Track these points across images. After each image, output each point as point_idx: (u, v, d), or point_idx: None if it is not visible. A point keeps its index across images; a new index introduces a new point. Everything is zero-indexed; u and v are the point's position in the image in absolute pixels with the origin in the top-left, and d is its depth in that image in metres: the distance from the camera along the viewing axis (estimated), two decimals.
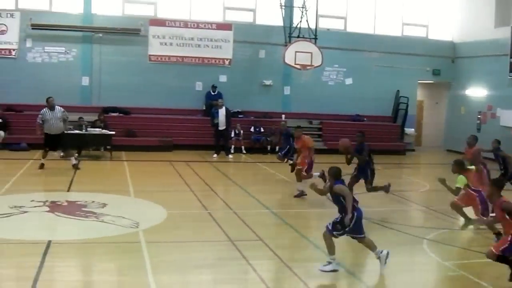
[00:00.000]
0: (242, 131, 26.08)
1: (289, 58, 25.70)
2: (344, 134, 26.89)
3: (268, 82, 28.43)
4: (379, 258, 9.25)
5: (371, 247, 9.33)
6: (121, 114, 26.34)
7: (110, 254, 9.93)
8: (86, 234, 11.03)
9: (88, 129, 22.82)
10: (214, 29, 27.66)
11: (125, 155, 23.05)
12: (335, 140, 26.53)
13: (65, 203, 13.71)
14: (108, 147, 22.95)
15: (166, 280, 8.67)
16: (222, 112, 24.74)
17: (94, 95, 26.96)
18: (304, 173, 15.78)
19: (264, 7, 28.35)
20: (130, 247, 10.30)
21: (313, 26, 26.55)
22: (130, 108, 26.63)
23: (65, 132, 19.69)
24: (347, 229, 9.06)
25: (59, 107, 19.41)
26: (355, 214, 9.01)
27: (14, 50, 26.22)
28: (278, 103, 28.60)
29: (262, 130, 26.69)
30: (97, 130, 23.04)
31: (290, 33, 26.48)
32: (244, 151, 25.75)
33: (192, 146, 25.48)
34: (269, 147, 25.98)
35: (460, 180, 11.64)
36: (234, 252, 10.14)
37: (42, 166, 18.96)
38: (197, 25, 27.51)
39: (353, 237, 9.33)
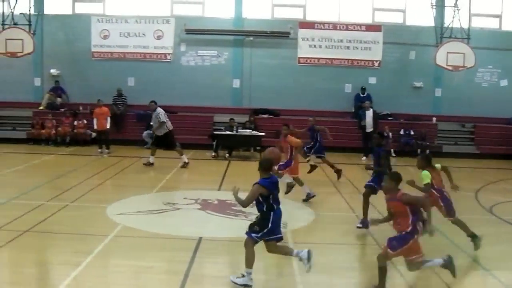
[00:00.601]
0: (391, 134, 25.64)
1: (440, 59, 25.04)
2: (498, 138, 26.18)
3: (418, 84, 27.78)
4: (300, 259, 8.59)
5: (287, 252, 8.78)
6: (270, 116, 26.73)
7: (258, 253, 10.02)
8: (235, 232, 11.23)
9: (238, 130, 23.38)
10: (363, 30, 27.41)
11: None
12: (489, 145, 25.93)
13: (216, 202, 14.09)
14: (258, 148, 23.34)
15: (313, 281, 8.67)
16: (369, 114, 24.49)
17: (245, 97, 27.58)
18: (275, 168, 14.86)
19: (414, 7, 27.71)
20: None
21: (465, 26, 25.65)
22: (279, 109, 26.94)
23: (168, 132, 20.46)
24: (265, 230, 8.42)
25: (159, 110, 20.43)
26: (271, 214, 8.42)
27: (169, 54, 27.41)
28: (428, 105, 27.86)
29: (412, 133, 26.11)
30: (247, 131, 23.55)
31: (441, 34, 25.77)
32: (394, 154, 25.25)
33: (341, 148, 25.34)
34: (419, 150, 25.38)
35: (425, 176, 10.63)
36: None
37: (148, 163, 19.85)
38: (346, 27, 27.40)
39: (268, 240, 8.64)
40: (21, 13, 25.89)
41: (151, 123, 20.98)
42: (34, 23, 26.03)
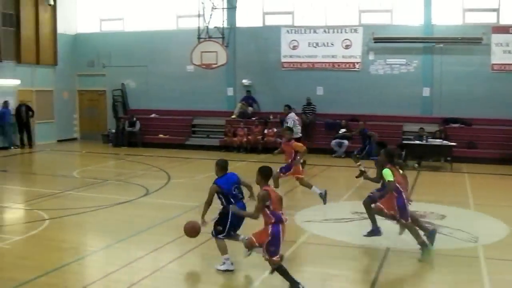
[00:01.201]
0: None
1: None
2: None
3: None
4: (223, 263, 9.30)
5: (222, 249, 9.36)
6: (462, 125, 25.86)
7: (447, 267, 9.80)
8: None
9: (428, 139, 22.90)
10: None
11: (466, 167, 22.43)
12: None
13: None
14: (448, 158, 22.68)
15: None
16: None
17: (435, 106, 26.86)
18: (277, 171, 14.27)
19: None
20: (468, 261, 10.06)
21: None
22: (471, 119, 25.95)
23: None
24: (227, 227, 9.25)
25: (290, 115, 21.61)
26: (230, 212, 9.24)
27: (357, 63, 27.47)
28: None
29: None
30: (438, 141, 23.01)
31: None
32: None
33: None
34: None
35: (387, 174, 9.70)
36: None
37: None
38: None
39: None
40: (215, 27, 27.32)
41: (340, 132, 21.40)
42: (227, 35, 27.35)
